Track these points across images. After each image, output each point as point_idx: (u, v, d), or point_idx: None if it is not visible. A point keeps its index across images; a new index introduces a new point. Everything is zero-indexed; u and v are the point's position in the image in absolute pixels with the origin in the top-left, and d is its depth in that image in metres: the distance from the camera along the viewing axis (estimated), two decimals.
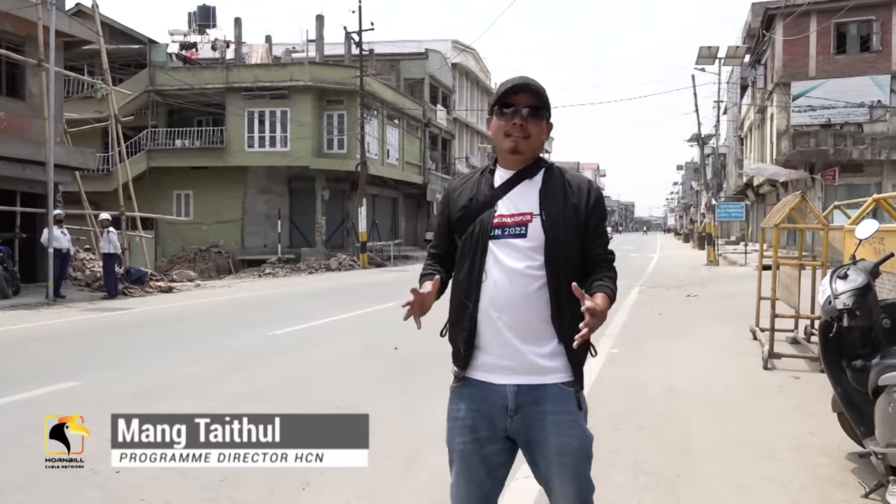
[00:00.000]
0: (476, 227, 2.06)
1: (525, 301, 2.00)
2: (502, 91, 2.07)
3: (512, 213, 2.05)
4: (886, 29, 27.90)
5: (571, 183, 2.09)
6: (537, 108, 2.06)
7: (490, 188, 2.11)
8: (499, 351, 2.03)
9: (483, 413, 2.06)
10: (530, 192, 2.07)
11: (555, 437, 2.01)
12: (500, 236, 2.03)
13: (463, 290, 2.07)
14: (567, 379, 2.04)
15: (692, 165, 70.72)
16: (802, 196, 7.21)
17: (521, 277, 2.00)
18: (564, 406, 2.02)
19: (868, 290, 3.68)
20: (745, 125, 42.64)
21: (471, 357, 2.07)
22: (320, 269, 25.55)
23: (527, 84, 2.06)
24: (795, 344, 7.98)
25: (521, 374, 2.02)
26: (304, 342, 8.71)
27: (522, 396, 2.02)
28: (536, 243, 2.01)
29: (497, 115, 2.09)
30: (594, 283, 2.05)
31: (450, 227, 2.17)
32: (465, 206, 2.11)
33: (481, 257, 2.03)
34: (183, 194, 29.90)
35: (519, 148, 2.06)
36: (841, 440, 4.27)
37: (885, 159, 26.89)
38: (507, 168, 2.13)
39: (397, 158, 34.18)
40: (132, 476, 3.83)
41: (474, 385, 2.08)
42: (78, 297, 14.56)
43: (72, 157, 16.79)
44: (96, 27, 18.44)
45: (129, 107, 25.85)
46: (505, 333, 2.02)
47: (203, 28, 36.69)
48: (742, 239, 37.26)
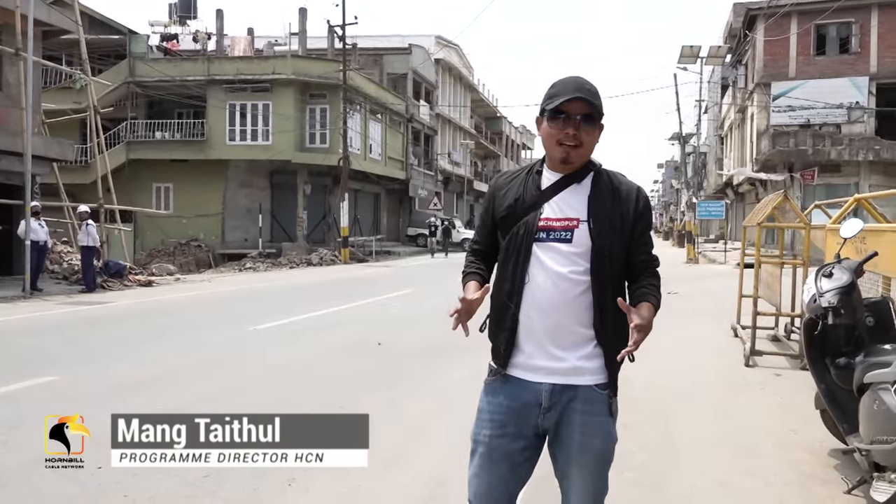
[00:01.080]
0: (521, 228, 2.06)
1: (567, 305, 2.01)
2: (557, 101, 2.01)
3: (559, 218, 2.04)
4: (865, 31, 28.24)
5: (621, 189, 2.08)
6: (591, 116, 2.02)
7: (537, 189, 2.09)
8: (538, 352, 2.05)
9: (514, 409, 2.07)
10: (579, 197, 2.06)
11: (579, 435, 2.04)
12: (545, 239, 2.03)
13: (506, 292, 2.07)
14: (602, 381, 2.05)
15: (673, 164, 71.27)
16: (785, 195, 7.28)
17: (565, 281, 2.01)
18: (595, 407, 2.05)
19: (853, 288, 3.71)
20: (726, 124, 42.99)
21: (510, 356, 2.08)
22: (301, 263, 25.40)
23: (580, 92, 2.00)
24: (776, 341, 8.06)
25: (558, 374, 2.04)
26: (287, 337, 8.64)
27: (557, 395, 2.04)
28: (582, 249, 2.01)
29: (548, 119, 2.04)
30: (638, 290, 2.07)
31: (494, 225, 2.17)
32: (511, 206, 2.10)
33: (525, 259, 2.03)
34: (163, 187, 29.58)
35: (570, 159, 2.04)
36: (823, 437, 4.32)
37: (862, 160, 27.25)
38: (554, 170, 2.11)
39: (380, 153, 34.06)
40: (114, 472, 3.76)
41: (510, 381, 2.09)
42: (55, 291, 14.34)
43: (49, 149, 16.51)
44: (75, 16, 18.14)
45: (109, 98, 25.49)
46: (545, 335, 2.04)
47: (184, 19, 36.29)
48: (721, 237, 37.61)
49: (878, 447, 3.03)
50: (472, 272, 2.21)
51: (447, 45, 43.98)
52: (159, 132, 28.96)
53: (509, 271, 2.06)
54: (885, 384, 3.01)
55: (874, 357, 3.41)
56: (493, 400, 2.10)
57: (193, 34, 34.47)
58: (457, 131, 48.57)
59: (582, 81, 2.04)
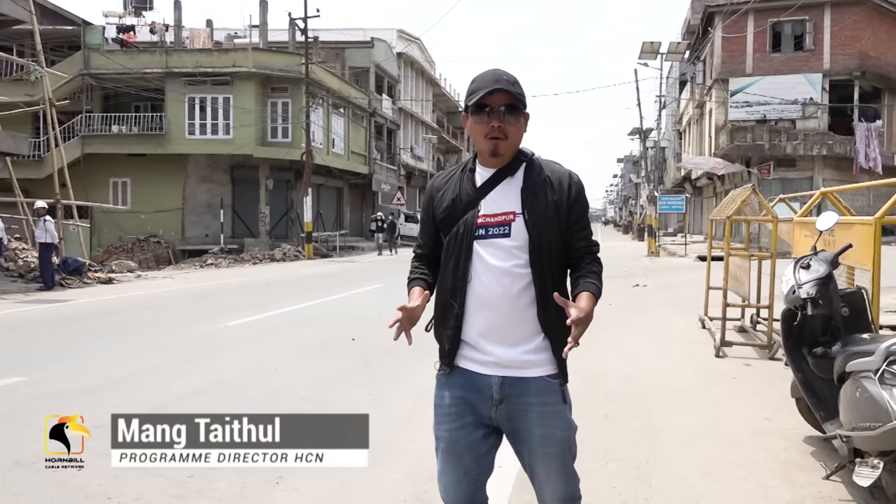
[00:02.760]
0: (460, 227, 2.06)
1: (511, 299, 2.02)
2: (478, 95, 2.01)
3: (495, 213, 2.05)
4: (819, 29, 28.99)
5: (552, 178, 2.08)
6: (514, 106, 2.02)
7: (472, 187, 2.10)
8: (485, 347, 2.06)
9: (468, 401, 2.09)
10: (512, 190, 2.07)
11: (539, 427, 2.04)
12: (485, 236, 2.04)
13: (448, 290, 2.08)
14: (552, 372, 2.06)
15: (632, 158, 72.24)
16: (753, 189, 7.43)
17: (507, 276, 2.01)
18: (549, 398, 2.05)
19: (829, 279, 3.82)
20: (684, 120, 43.74)
21: (455, 354, 2.09)
22: (265, 259, 25.12)
23: (499, 84, 2.01)
24: (743, 332, 8.24)
25: (508, 367, 2.05)
26: (258, 334, 8.53)
27: (507, 388, 2.04)
28: (520, 242, 2.02)
29: (472, 115, 2.04)
30: (578, 279, 2.07)
31: (435, 226, 2.17)
32: (449, 207, 2.11)
33: (466, 257, 2.04)
34: (120, 182, 28.92)
35: (499, 150, 2.04)
36: (796, 424, 4.43)
37: (816, 154, 28.01)
38: (487, 166, 2.11)
39: (342, 148, 33.81)
40: (95, 473, 3.68)
41: (460, 373, 2.10)
42: (12, 289, 13.93)
43: (3, 142, 16.02)
44: (29, 6, 17.59)
45: (63, 90, 24.79)
46: (492, 332, 2.04)
47: (139, 10, 35.41)
48: (680, 230, 38.29)
49: (859, 433, 3.12)
50: (416, 278, 2.22)
51: (409, 40, 43.83)
52: (116, 126, 28.30)
53: (451, 271, 2.07)
54: (868, 372, 3.10)
55: (852, 346, 3.51)
56: (448, 393, 2.12)
57: (150, 26, 33.71)
58: (419, 126, 48.47)
59: (501, 73, 2.04)
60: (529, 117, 2.13)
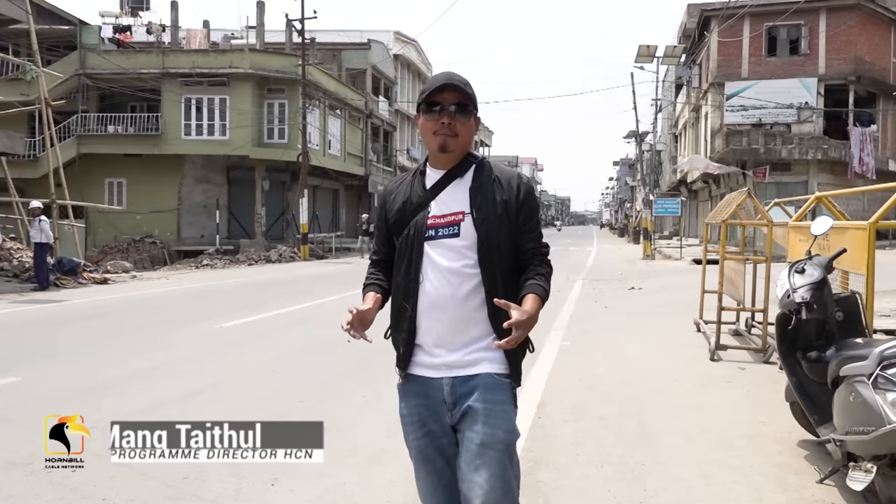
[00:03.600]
0: (411, 229, 2.07)
1: (462, 300, 2.02)
2: (428, 90, 2.06)
3: (444, 214, 2.06)
4: (814, 34, 29.11)
5: (501, 179, 2.09)
6: (464, 105, 2.05)
7: (423, 189, 2.11)
8: (437, 350, 2.05)
9: (426, 408, 2.08)
10: (461, 191, 2.08)
11: (482, 425, 1.99)
12: (435, 237, 2.05)
13: (401, 293, 2.09)
14: (501, 370, 2.04)
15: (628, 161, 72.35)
16: (749, 193, 7.46)
17: (457, 276, 2.02)
18: (496, 395, 2.02)
19: (824, 284, 3.84)
20: (680, 123, 43.84)
21: (410, 357, 2.09)
22: (260, 260, 25.09)
23: (451, 82, 2.05)
24: (738, 336, 8.26)
25: (457, 367, 2.04)
26: (254, 335, 8.53)
27: (458, 388, 2.03)
28: (469, 242, 2.03)
29: (424, 113, 2.08)
30: (526, 281, 2.06)
31: (388, 231, 2.18)
32: (400, 210, 2.12)
33: (417, 259, 2.05)
34: (115, 182, 28.84)
35: (448, 146, 2.05)
36: (791, 428, 4.45)
37: (811, 158, 28.10)
38: (437, 167, 2.13)
39: (339, 149, 33.78)
40: (91, 475, 3.69)
41: (416, 381, 2.09)
42: (6, 289, 13.90)
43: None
44: (25, 5, 17.54)
45: (59, 90, 24.72)
46: (443, 332, 2.04)
47: (136, 10, 35.40)
48: (676, 234, 38.37)
49: (853, 438, 3.14)
50: (371, 283, 2.24)
51: (406, 42, 43.86)
52: (112, 126, 28.22)
53: (402, 273, 2.08)
54: (861, 377, 3.12)
55: (846, 351, 3.53)
56: (409, 402, 2.11)
57: (147, 26, 33.68)
58: (416, 127, 48.39)
59: (452, 74, 2.08)
60: (480, 122, 2.16)
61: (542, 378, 6.08)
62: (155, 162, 28.18)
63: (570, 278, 16.53)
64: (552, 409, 5.11)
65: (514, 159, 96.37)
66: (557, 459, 4.05)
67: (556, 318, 9.86)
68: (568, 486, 3.69)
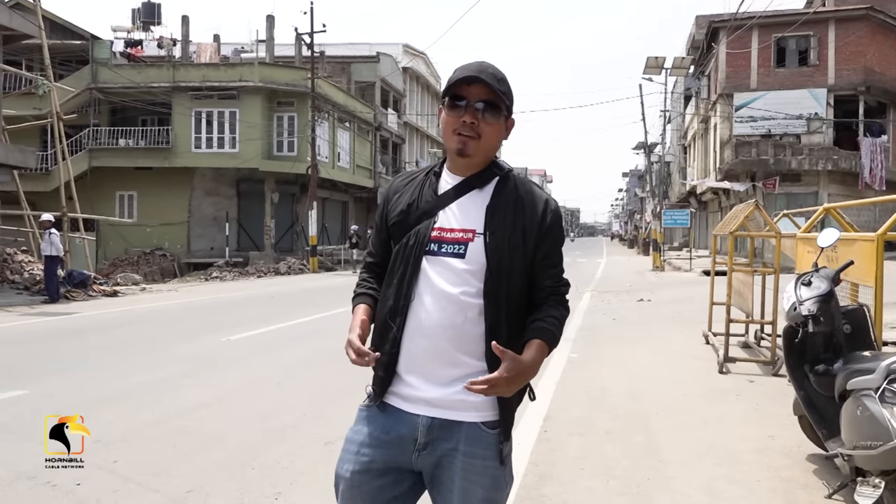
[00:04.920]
0: (411, 238, 1.77)
1: (454, 331, 1.71)
2: (453, 81, 1.74)
3: (452, 228, 1.76)
4: (823, 44, 29.04)
5: (526, 200, 1.78)
6: (494, 104, 1.73)
7: (433, 194, 1.81)
8: (419, 381, 1.75)
9: (384, 442, 1.76)
10: (477, 205, 1.77)
11: (460, 480, 1.72)
12: (437, 253, 1.75)
13: (389, 309, 1.78)
14: (489, 419, 1.74)
15: (637, 173, 72.28)
16: (756, 205, 7.42)
17: (454, 304, 1.71)
18: (480, 449, 1.72)
19: (831, 296, 3.80)
20: (689, 134, 43.78)
21: (389, 383, 1.78)
22: (269, 272, 25.18)
23: (481, 74, 1.73)
24: (747, 348, 8.20)
25: (438, 407, 1.73)
26: (261, 348, 8.54)
27: (436, 431, 1.73)
28: (476, 267, 1.72)
29: (447, 108, 1.76)
30: (534, 322, 1.76)
31: (387, 233, 1.88)
32: (404, 212, 1.82)
33: (412, 274, 1.75)
34: (126, 195, 29.06)
35: (467, 150, 1.74)
36: (800, 442, 4.41)
37: (821, 169, 27.96)
38: (455, 172, 1.82)
39: (348, 162, 33.93)
40: (94, 489, 3.69)
41: (385, 411, 1.79)
42: (17, 302, 13.99)
43: (10, 156, 16.13)
44: (38, 21, 17.77)
45: (71, 104, 25.02)
46: (428, 363, 1.74)
47: (147, 25, 35.75)
48: (685, 245, 38.24)
49: (861, 452, 3.10)
50: (363, 293, 1.92)
51: (415, 54, 44.10)
52: (123, 139, 28.47)
53: (394, 287, 1.77)
54: (869, 390, 3.09)
55: (854, 364, 3.49)
56: (363, 430, 1.79)
57: (158, 40, 34.02)
58: (424, 140, 48.64)
59: (486, 65, 1.76)
60: (514, 124, 1.87)
61: (549, 391, 6.05)
62: (165, 175, 28.38)
63: (578, 290, 16.48)
64: (558, 422, 5.08)
65: (523, 171, 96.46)
66: (562, 473, 4.02)
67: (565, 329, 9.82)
68: (573, 500, 3.65)
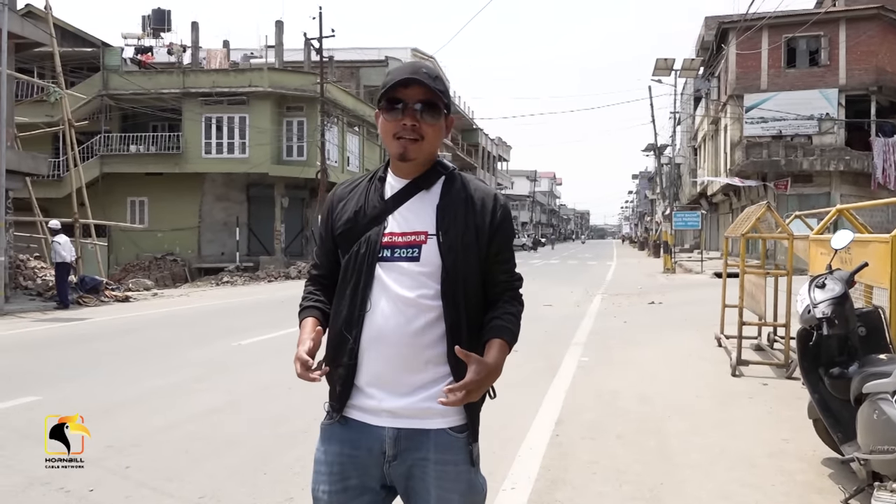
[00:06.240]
0: (362, 246, 1.73)
1: (415, 335, 1.68)
2: (388, 84, 1.70)
3: (404, 232, 1.73)
4: (834, 45, 28.85)
5: (475, 197, 1.76)
6: (432, 103, 1.70)
7: (380, 199, 1.77)
8: (380, 392, 1.71)
9: (354, 458, 1.73)
10: (426, 206, 1.75)
11: (435, 489, 1.70)
12: (390, 258, 1.71)
13: (343, 321, 1.74)
14: (457, 423, 1.72)
15: (647, 175, 72.02)
16: (768, 206, 7.38)
17: (412, 307, 1.68)
18: (451, 455, 1.71)
19: (845, 298, 3.77)
20: (699, 136, 43.60)
21: (348, 397, 1.74)
22: (280, 277, 25.23)
23: (417, 74, 1.69)
24: (760, 351, 8.14)
25: (404, 417, 1.70)
26: (272, 352, 8.55)
27: (403, 441, 1.70)
28: (431, 268, 1.69)
29: (384, 112, 1.72)
30: (493, 321, 1.75)
31: (334, 243, 1.83)
32: (351, 220, 1.77)
33: (366, 282, 1.71)
34: (137, 201, 29.23)
35: (409, 154, 1.71)
36: (815, 446, 4.36)
37: (833, 170, 27.77)
38: (399, 175, 1.79)
39: (357, 166, 34.01)
40: (106, 494, 3.70)
41: (348, 425, 1.75)
42: (29, 308, 14.08)
43: (23, 163, 16.23)
44: (49, 29, 17.91)
45: (82, 111, 25.17)
46: (389, 372, 1.70)
47: (158, 32, 35.93)
48: (696, 247, 38.06)
49: (878, 457, 3.07)
50: (310, 306, 1.88)
51: (423, 58, 44.16)
52: (134, 145, 28.64)
53: (348, 297, 1.73)
54: (885, 394, 3.05)
55: (869, 367, 3.46)
56: (331, 448, 1.75)
57: (168, 47, 34.21)
58: None
59: (420, 65, 1.73)
60: (454, 122, 1.84)
61: (560, 395, 6.03)
62: (176, 180, 28.53)
63: (589, 293, 16.43)
64: (570, 426, 5.05)
65: (532, 174, 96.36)
66: (575, 478, 4.00)
67: (576, 333, 9.80)
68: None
